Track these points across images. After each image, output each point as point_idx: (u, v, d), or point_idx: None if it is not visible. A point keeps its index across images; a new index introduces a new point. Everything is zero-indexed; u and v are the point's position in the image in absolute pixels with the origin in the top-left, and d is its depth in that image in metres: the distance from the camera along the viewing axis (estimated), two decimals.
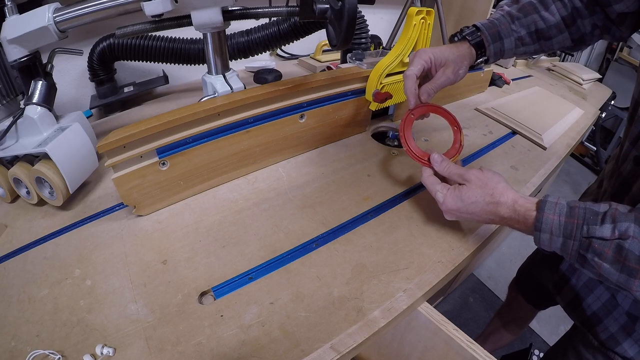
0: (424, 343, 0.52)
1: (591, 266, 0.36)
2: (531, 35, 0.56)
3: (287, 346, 0.38)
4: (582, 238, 0.36)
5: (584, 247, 0.36)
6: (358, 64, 0.72)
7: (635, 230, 0.33)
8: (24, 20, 0.51)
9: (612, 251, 0.34)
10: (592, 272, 0.37)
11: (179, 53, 0.79)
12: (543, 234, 0.38)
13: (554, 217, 0.37)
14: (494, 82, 1.18)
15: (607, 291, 0.49)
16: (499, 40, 0.56)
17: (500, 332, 1.04)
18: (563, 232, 0.37)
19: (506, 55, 0.58)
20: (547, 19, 0.55)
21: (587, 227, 0.35)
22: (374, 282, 0.46)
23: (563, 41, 0.56)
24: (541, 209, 0.38)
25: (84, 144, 0.57)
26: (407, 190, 0.62)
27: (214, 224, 0.53)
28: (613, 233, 0.34)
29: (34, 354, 0.36)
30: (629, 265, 0.33)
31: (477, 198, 0.44)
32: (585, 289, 0.52)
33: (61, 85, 0.62)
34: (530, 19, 0.56)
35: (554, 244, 0.38)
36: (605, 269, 0.35)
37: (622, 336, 0.48)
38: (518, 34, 0.56)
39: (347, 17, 0.50)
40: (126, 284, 0.44)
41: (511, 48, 0.57)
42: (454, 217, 0.48)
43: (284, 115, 0.62)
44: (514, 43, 0.57)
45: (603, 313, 0.50)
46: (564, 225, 0.37)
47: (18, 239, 0.51)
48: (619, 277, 0.34)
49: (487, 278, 1.61)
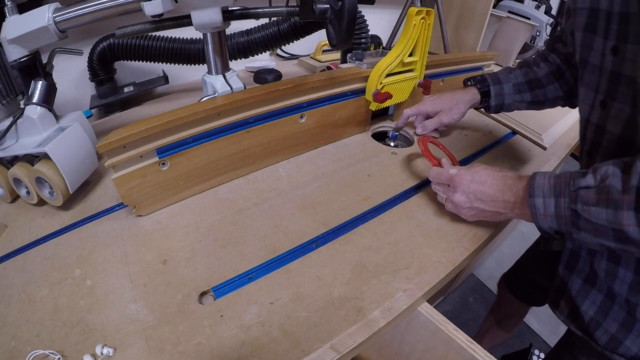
0: (424, 343, 0.52)
1: (585, 220, 0.37)
2: (528, 83, 0.66)
3: (287, 346, 0.38)
4: (570, 193, 0.39)
5: (573, 200, 0.38)
6: (358, 64, 0.72)
7: (613, 170, 0.36)
8: (24, 20, 0.51)
9: (596, 193, 0.36)
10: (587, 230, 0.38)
11: (179, 53, 0.79)
12: (537, 198, 0.41)
13: (544, 182, 0.42)
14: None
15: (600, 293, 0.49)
16: (499, 83, 0.67)
17: (495, 330, 1.04)
18: (553, 191, 0.40)
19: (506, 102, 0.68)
20: (538, 71, 0.66)
21: (573, 182, 0.39)
22: (374, 282, 0.46)
23: (555, 90, 0.65)
24: (533, 177, 0.44)
25: (84, 144, 0.57)
26: (407, 190, 0.62)
27: (214, 224, 0.53)
28: (596, 179, 0.37)
29: (34, 354, 0.36)
30: (613, 198, 0.35)
31: (487, 168, 0.50)
32: (579, 296, 0.52)
33: (61, 85, 0.62)
34: (525, 70, 0.67)
35: (548, 208, 0.41)
36: (593, 212, 0.36)
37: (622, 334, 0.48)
38: (515, 80, 0.67)
39: (347, 17, 0.50)
40: (126, 284, 0.44)
41: (510, 93, 0.67)
42: (464, 196, 0.51)
43: (284, 115, 0.62)
44: (512, 89, 0.67)
45: (600, 316, 0.50)
46: (553, 186, 0.41)
47: (18, 239, 0.51)
48: (607, 214, 0.35)
49: (487, 278, 1.61)
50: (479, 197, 0.49)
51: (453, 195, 0.52)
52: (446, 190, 0.54)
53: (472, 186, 0.50)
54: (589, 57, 0.45)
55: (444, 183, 0.54)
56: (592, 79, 0.45)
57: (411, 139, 0.81)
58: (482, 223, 0.56)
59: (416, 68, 0.75)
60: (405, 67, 0.73)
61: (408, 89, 0.77)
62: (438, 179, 0.55)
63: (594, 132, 0.46)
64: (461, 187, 0.51)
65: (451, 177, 0.52)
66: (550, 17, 1.43)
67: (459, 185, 0.51)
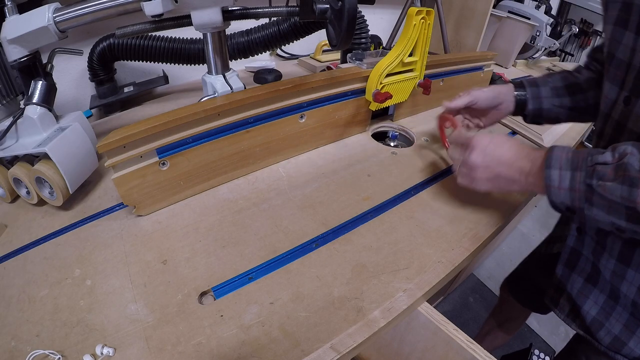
0: (424, 343, 0.51)
1: (598, 196, 0.37)
2: (566, 88, 0.62)
3: (287, 346, 0.38)
4: (587, 167, 0.38)
5: (589, 175, 0.38)
6: (358, 64, 0.72)
7: (632, 149, 0.36)
8: (24, 20, 0.51)
9: (613, 170, 0.36)
10: (599, 206, 0.38)
11: (179, 53, 0.79)
12: (553, 170, 0.41)
13: (562, 154, 0.41)
14: (494, 82, 1.18)
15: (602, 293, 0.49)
16: (536, 86, 0.63)
17: (495, 332, 1.04)
18: (571, 164, 0.40)
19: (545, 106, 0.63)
20: (579, 76, 0.62)
21: (591, 157, 0.39)
22: (374, 282, 0.46)
23: (597, 96, 0.58)
24: (551, 149, 0.43)
25: (84, 144, 0.57)
26: (407, 190, 0.62)
27: (214, 224, 0.53)
28: (614, 157, 0.37)
29: (34, 354, 0.36)
30: (630, 176, 0.34)
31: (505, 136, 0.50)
32: (581, 295, 0.52)
33: (61, 85, 0.62)
34: (564, 75, 0.63)
35: (563, 181, 0.40)
36: (608, 187, 0.36)
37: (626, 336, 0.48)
38: (553, 84, 0.63)
39: (347, 17, 0.50)
40: (126, 284, 0.44)
41: (548, 96, 0.63)
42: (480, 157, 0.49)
43: (284, 115, 0.62)
44: (550, 92, 0.62)
45: (603, 317, 0.49)
46: (570, 159, 0.40)
47: (18, 239, 0.51)
48: (621, 190, 0.35)
49: (487, 278, 1.61)
50: (495, 159, 0.48)
51: (469, 156, 0.50)
52: (463, 153, 0.52)
53: (490, 147, 0.49)
54: (617, 51, 0.44)
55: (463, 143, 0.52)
56: (617, 73, 0.44)
57: (411, 139, 0.81)
58: (481, 222, 0.56)
59: (416, 68, 0.75)
60: (405, 67, 0.73)
61: (408, 89, 0.77)
62: (457, 140, 0.54)
63: (614, 128, 0.46)
64: (479, 147, 0.49)
65: (469, 140, 0.51)
66: (550, 17, 1.43)
67: (477, 145, 0.50)
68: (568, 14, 2.08)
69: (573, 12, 2.07)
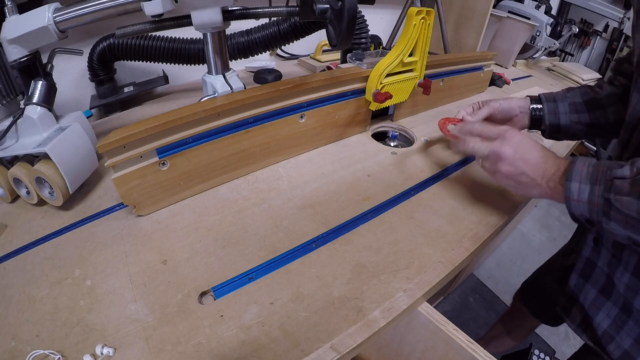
0: (424, 343, 0.51)
1: (616, 210, 0.37)
2: (585, 104, 0.60)
3: (287, 346, 0.38)
4: (605, 181, 0.39)
5: (607, 189, 0.38)
6: (358, 64, 0.72)
7: None
8: (24, 20, 0.51)
9: (629, 184, 0.36)
10: (617, 221, 0.38)
11: (179, 53, 0.79)
12: (573, 182, 0.41)
13: (583, 167, 0.41)
14: (494, 82, 1.18)
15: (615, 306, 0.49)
16: (553, 102, 0.62)
17: (503, 338, 1.04)
18: (590, 178, 0.40)
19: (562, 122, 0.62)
20: (600, 92, 0.60)
21: (610, 171, 0.39)
22: (374, 282, 0.46)
23: (618, 113, 0.57)
24: (573, 162, 0.43)
25: (84, 144, 0.57)
26: (407, 190, 0.62)
27: (214, 224, 0.53)
28: (632, 171, 0.37)
29: (34, 354, 0.36)
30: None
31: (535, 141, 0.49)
32: (593, 307, 0.51)
33: (61, 85, 0.62)
34: (583, 90, 0.61)
35: (582, 194, 0.40)
36: (625, 202, 0.36)
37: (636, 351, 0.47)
38: (572, 99, 0.61)
39: (347, 17, 0.50)
40: (126, 284, 0.44)
41: (566, 112, 0.61)
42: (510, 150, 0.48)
43: (284, 115, 0.62)
44: (568, 108, 0.61)
45: (614, 330, 0.49)
46: (591, 173, 0.40)
47: (18, 239, 0.51)
48: (638, 205, 0.35)
49: (487, 278, 1.61)
50: (525, 157, 0.47)
51: (501, 147, 0.48)
52: (490, 145, 0.50)
53: (522, 144, 0.48)
54: None
55: (492, 137, 0.50)
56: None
57: (411, 139, 0.81)
58: (481, 222, 0.56)
59: (416, 68, 0.75)
60: (405, 67, 0.73)
61: (408, 89, 0.77)
62: (484, 132, 0.52)
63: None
64: (513, 141, 0.48)
65: (503, 131, 0.49)
66: (550, 17, 1.43)
67: (511, 139, 0.48)
68: (568, 14, 2.08)
69: (573, 12, 2.07)
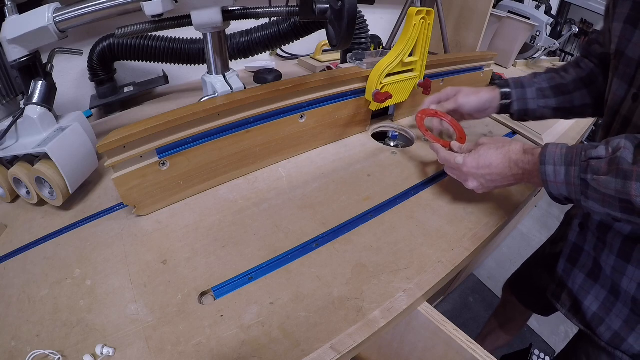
0: (424, 343, 0.52)
1: (593, 190, 0.38)
2: (552, 89, 0.63)
3: (287, 346, 0.38)
4: (581, 162, 0.39)
5: (583, 170, 0.39)
6: (358, 64, 0.72)
7: (626, 143, 0.37)
8: (24, 20, 0.51)
9: (606, 164, 0.37)
10: (595, 200, 0.39)
11: (179, 53, 0.79)
12: (548, 166, 0.42)
13: (556, 150, 0.42)
14: (494, 82, 1.18)
15: (603, 289, 0.50)
16: (522, 87, 0.64)
17: (497, 333, 1.04)
18: (564, 160, 0.41)
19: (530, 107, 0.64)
20: (566, 76, 0.62)
21: (585, 152, 0.39)
22: (374, 282, 0.46)
23: (582, 97, 0.61)
24: (545, 146, 0.44)
25: (84, 144, 0.57)
26: (407, 190, 0.62)
27: (214, 224, 0.53)
28: (607, 151, 0.38)
29: (34, 354, 0.36)
30: (623, 169, 0.35)
31: (490, 148, 0.51)
32: (582, 291, 0.52)
33: (61, 85, 0.62)
34: (550, 75, 0.64)
35: (559, 175, 0.41)
36: (602, 181, 0.37)
37: (625, 332, 0.48)
38: (539, 85, 0.64)
39: (347, 17, 0.50)
40: (126, 284, 0.44)
41: (533, 98, 0.64)
42: (476, 181, 0.52)
43: (284, 115, 0.62)
44: (536, 93, 0.63)
45: (603, 312, 0.50)
46: (564, 155, 0.41)
47: (18, 239, 0.51)
48: (615, 184, 0.36)
49: (487, 278, 1.61)
50: (489, 179, 0.51)
51: (466, 183, 0.53)
52: (459, 176, 0.55)
53: (480, 172, 0.51)
54: (627, 49, 0.45)
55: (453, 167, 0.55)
56: (627, 71, 0.45)
57: (411, 139, 0.81)
58: (481, 222, 0.56)
59: (416, 68, 0.75)
60: (405, 67, 0.73)
61: (408, 89, 0.77)
62: (448, 164, 0.56)
63: (621, 123, 0.47)
64: (470, 174, 0.52)
65: (459, 168, 0.53)
66: (550, 17, 1.43)
67: (469, 174, 0.52)
68: (568, 14, 2.08)
69: (573, 12, 2.07)
